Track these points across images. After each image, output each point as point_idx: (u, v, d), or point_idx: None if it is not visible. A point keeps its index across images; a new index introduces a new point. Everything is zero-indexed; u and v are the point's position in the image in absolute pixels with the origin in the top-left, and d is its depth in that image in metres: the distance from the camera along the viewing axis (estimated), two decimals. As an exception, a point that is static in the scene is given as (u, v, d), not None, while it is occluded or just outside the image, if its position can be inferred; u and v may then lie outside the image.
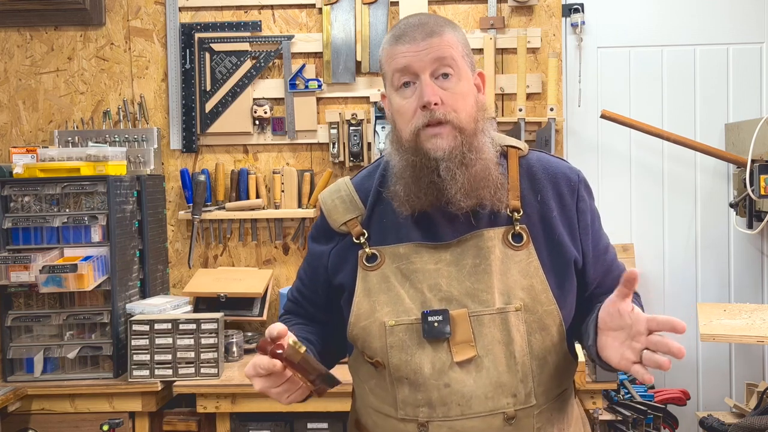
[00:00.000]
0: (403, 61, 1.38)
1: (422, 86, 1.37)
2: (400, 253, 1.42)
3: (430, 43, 1.37)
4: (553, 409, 1.44)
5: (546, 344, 1.40)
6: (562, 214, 1.45)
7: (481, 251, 1.40)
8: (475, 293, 1.39)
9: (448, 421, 1.38)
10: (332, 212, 1.49)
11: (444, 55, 1.37)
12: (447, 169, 1.37)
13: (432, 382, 1.37)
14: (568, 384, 1.51)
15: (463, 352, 1.37)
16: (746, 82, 3.22)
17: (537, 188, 1.46)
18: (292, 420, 2.68)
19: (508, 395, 1.38)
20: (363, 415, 1.53)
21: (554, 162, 1.51)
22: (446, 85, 1.38)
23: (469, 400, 1.37)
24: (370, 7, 3.09)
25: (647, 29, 3.24)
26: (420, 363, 1.38)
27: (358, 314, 1.42)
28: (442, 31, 1.39)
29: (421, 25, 1.40)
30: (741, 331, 2.52)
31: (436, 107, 1.36)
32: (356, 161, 3.06)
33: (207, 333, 2.65)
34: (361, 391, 1.53)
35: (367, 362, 1.44)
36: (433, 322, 1.37)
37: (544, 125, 3.03)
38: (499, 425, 1.38)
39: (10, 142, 3.18)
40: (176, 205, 3.18)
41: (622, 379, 2.86)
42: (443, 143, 1.37)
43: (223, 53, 3.14)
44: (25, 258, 2.64)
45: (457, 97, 1.38)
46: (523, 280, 1.40)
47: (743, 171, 2.95)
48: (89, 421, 2.65)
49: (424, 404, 1.38)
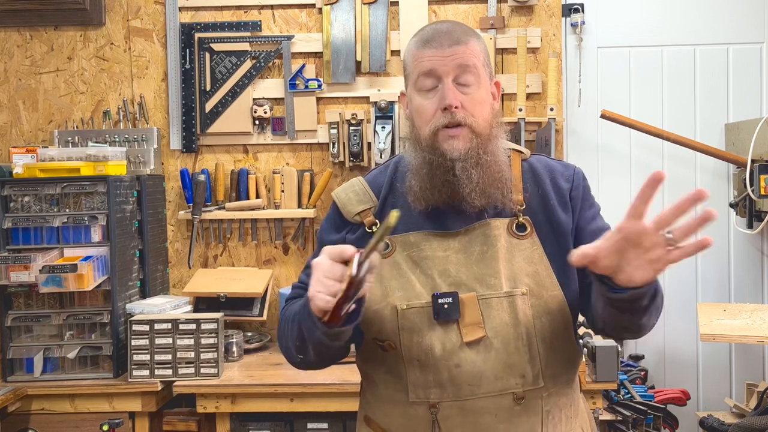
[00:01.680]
0: (428, 64, 1.46)
1: (444, 89, 1.44)
2: (410, 241, 1.49)
3: (455, 50, 1.45)
4: (560, 395, 1.49)
5: (552, 328, 1.46)
6: (559, 198, 1.53)
7: (488, 239, 1.47)
8: (483, 278, 1.45)
9: (459, 401, 1.43)
10: (347, 204, 1.56)
11: (467, 63, 1.45)
12: (463, 168, 1.45)
13: (443, 363, 1.43)
14: (574, 374, 1.55)
15: (473, 333, 1.43)
16: (746, 82, 3.22)
17: (538, 181, 1.54)
18: (292, 420, 2.68)
19: (517, 375, 1.43)
20: (372, 408, 1.56)
21: (553, 161, 1.61)
22: (467, 91, 1.46)
23: (479, 380, 1.42)
24: (370, 7, 3.09)
25: (647, 29, 3.24)
26: (431, 344, 1.43)
27: (370, 299, 1.46)
28: (467, 40, 1.47)
29: (448, 32, 1.47)
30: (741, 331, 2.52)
31: (456, 110, 1.44)
32: (356, 161, 3.06)
33: (207, 333, 2.65)
34: (370, 383, 1.56)
35: (379, 346, 1.48)
36: (443, 304, 1.43)
37: (544, 125, 3.03)
38: (508, 405, 1.43)
39: (10, 142, 3.18)
40: (176, 205, 3.18)
41: (622, 379, 2.86)
42: (459, 145, 1.45)
43: (223, 53, 3.14)
44: (25, 258, 2.64)
45: (476, 103, 1.46)
46: (528, 267, 1.47)
47: (743, 171, 2.95)
48: (89, 421, 2.65)
49: (435, 385, 1.44)
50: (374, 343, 1.50)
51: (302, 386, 2.57)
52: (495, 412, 1.43)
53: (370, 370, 1.55)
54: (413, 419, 1.46)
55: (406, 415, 1.47)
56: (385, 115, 3.02)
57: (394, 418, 1.50)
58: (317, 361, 1.50)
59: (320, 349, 1.42)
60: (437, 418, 1.44)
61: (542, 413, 1.45)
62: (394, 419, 1.50)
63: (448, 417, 1.44)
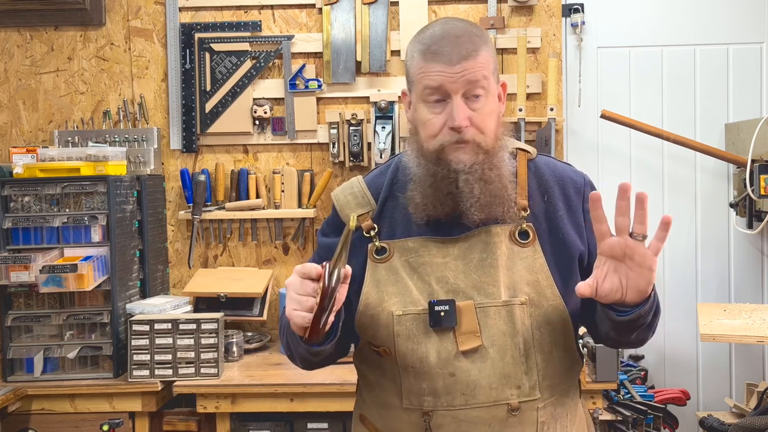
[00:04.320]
0: (437, 79, 1.39)
1: (454, 108, 1.39)
2: (408, 246, 1.46)
3: (464, 66, 1.38)
4: (557, 405, 1.46)
5: (551, 339, 1.44)
6: (569, 214, 1.49)
7: (488, 246, 1.44)
8: (482, 286, 1.42)
9: (452, 410, 1.41)
10: (344, 207, 1.53)
11: (477, 78, 1.39)
12: (466, 181, 1.41)
13: (437, 371, 1.40)
14: (573, 382, 1.53)
15: (469, 342, 1.40)
16: (746, 82, 3.22)
17: (544, 189, 1.51)
18: (292, 420, 2.68)
19: (513, 386, 1.41)
20: (368, 408, 1.55)
21: (561, 166, 1.56)
22: (475, 106, 1.40)
23: (473, 390, 1.40)
24: (370, 7, 3.09)
25: (647, 29, 3.24)
26: (426, 351, 1.41)
27: (366, 303, 1.45)
28: (477, 52, 1.39)
29: (457, 44, 1.39)
30: (741, 331, 2.52)
31: (465, 129, 1.39)
32: (356, 161, 3.06)
33: (207, 333, 2.65)
34: (366, 383, 1.55)
35: (374, 351, 1.47)
36: (439, 312, 1.40)
37: (544, 125, 3.03)
38: (502, 416, 1.41)
39: (10, 142, 3.18)
40: (176, 205, 3.18)
41: (622, 379, 2.86)
42: (465, 157, 1.41)
43: (223, 53, 3.14)
44: (25, 258, 2.64)
45: (485, 117, 1.41)
46: (529, 276, 1.43)
47: (743, 171, 2.95)
48: (89, 421, 2.65)
49: (429, 393, 1.42)
50: (369, 347, 1.48)
51: (302, 386, 2.57)
52: (489, 423, 1.41)
53: (366, 371, 1.53)
54: (406, 424, 1.45)
55: (399, 420, 1.46)
56: (385, 115, 3.02)
57: (388, 421, 1.48)
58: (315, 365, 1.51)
59: (308, 360, 1.45)
60: (430, 426, 1.42)
61: (537, 424, 1.43)
62: (388, 422, 1.49)
63: (441, 425, 1.42)
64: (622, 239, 1.27)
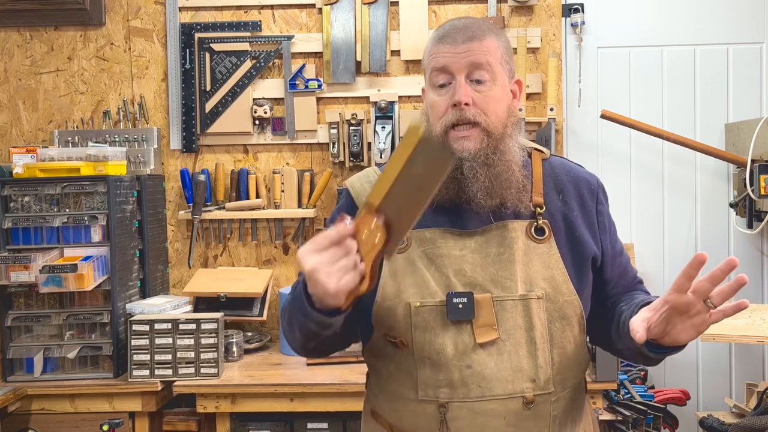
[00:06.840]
0: (442, 60, 1.45)
1: (456, 86, 1.44)
2: (426, 237, 1.47)
3: (469, 47, 1.44)
4: (568, 399, 1.49)
5: (566, 334, 1.46)
6: (583, 214, 1.53)
7: (505, 241, 1.46)
8: (499, 280, 1.44)
9: (468, 402, 1.42)
10: (361, 194, 1.54)
11: (480, 61, 1.44)
12: (470, 168, 1.44)
13: (454, 363, 1.42)
14: (582, 377, 1.56)
15: (486, 335, 1.42)
16: (746, 82, 3.22)
17: (559, 188, 1.54)
18: (292, 420, 2.67)
19: (528, 380, 1.43)
20: (379, 403, 1.55)
21: (575, 167, 1.60)
22: (480, 89, 1.45)
23: (489, 382, 1.41)
24: (370, 7, 3.09)
25: (647, 29, 3.24)
26: (443, 343, 1.42)
27: (383, 294, 1.46)
28: (483, 37, 1.45)
29: (464, 28, 1.46)
30: (741, 331, 2.52)
31: (467, 107, 1.43)
32: (356, 161, 3.06)
33: (207, 333, 2.65)
34: (378, 378, 1.55)
35: (390, 343, 1.47)
36: (457, 304, 1.41)
37: (544, 125, 3.03)
38: (517, 409, 1.42)
39: (10, 142, 3.18)
40: (176, 205, 3.18)
41: (622, 379, 2.86)
42: (470, 145, 1.44)
43: (223, 53, 3.14)
44: (25, 258, 2.64)
45: (489, 101, 1.45)
46: (545, 271, 1.46)
47: (743, 171, 2.95)
48: (89, 421, 2.65)
49: (445, 385, 1.43)
50: (385, 339, 1.48)
51: (302, 386, 2.57)
52: (504, 415, 1.42)
53: (379, 365, 1.53)
54: (421, 417, 1.45)
55: (414, 413, 1.46)
56: (385, 115, 3.02)
57: (402, 415, 1.48)
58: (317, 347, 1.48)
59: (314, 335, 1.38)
60: (446, 418, 1.43)
61: (550, 418, 1.45)
62: (401, 416, 1.49)
63: (457, 418, 1.43)
64: (697, 301, 1.29)
